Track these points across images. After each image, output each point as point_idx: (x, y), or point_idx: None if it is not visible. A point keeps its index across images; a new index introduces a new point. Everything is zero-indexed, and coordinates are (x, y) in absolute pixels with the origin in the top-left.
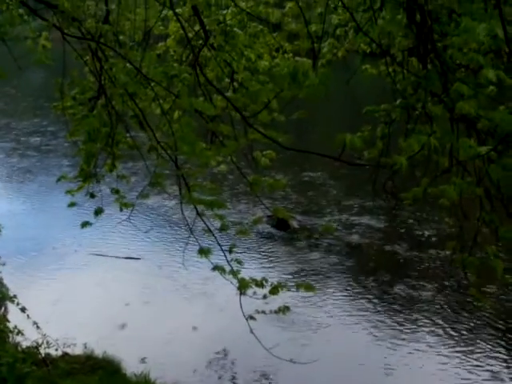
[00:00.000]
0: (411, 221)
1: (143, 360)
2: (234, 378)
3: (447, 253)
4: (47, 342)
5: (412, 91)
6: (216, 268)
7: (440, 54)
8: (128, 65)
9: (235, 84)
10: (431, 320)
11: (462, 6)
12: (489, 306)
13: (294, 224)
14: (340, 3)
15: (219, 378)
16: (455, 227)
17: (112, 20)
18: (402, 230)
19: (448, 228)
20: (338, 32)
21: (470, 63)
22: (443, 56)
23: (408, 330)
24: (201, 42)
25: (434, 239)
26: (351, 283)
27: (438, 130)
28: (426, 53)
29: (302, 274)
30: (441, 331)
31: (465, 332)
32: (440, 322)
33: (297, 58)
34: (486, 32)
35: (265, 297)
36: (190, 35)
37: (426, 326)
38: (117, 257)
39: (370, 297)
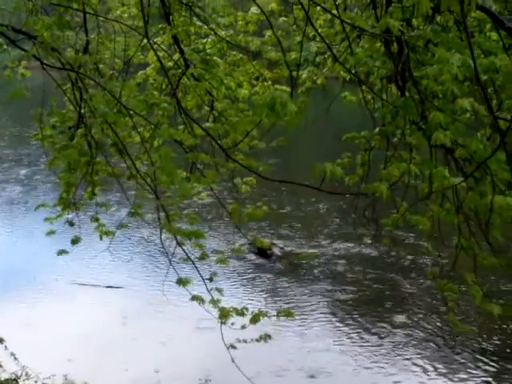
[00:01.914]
0: (392, 247)
1: None
2: None
3: (428, 279)
4: (26, 374)
5: (391, 119)
6: (194, 298)
7: (417, 83)
8: (107, 94)
9: (215, 112)
10: (414, 345)
11: (438, 36)
12: (469, 331)
13: (277, 251)
14: (319, 31)
15: None
16: (436, 253)
17: (91, 49)
18: (384, 257)
19: (428, 254)
20: (317, 60)
21: (445, 92)
22: (420, 85)
23: (391, 357)
24: (181, 70)
25: (415, 265)
26: (333, 311)
27: (417, 157)
28: (404, 81)
29: (283, 301)
30: (425, 358)
31: (448, 358)
32: (424, 348)
33: (276, 86)
34: (460, 62)
35: (243, 327)
36: (170, 64)
37: (410, 352)
38: (98, 286)
39: (353, 324)
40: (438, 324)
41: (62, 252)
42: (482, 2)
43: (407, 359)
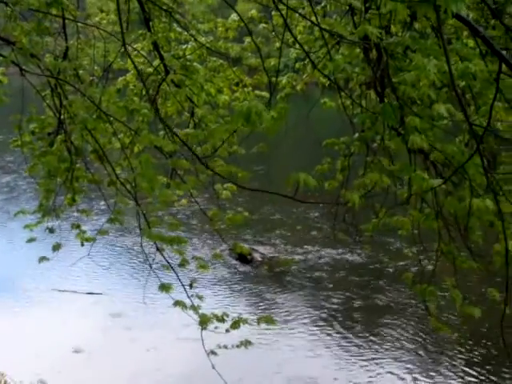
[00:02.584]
0: (372, 252)
1: None
2: None
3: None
4: (5, 382)
5: (370, 125)
6: (177, 303)
7: (395, 89)
8: (87, 100)
9: (195, 119)
10: (395, 350)
11: (416, 43)
12: (449, 334)
13: (257, 257)
14: (299, 38)
15: None
16: (416, 257)
17: (71, 55)
18: (365, 262)
19: (409, 258)
20: (296, 66)
21: (422, 98)
22: (399, 90)
23: (373, 363)
24: (161, 76)
25: (395, 270)
26: (314, 317)
27: (396, 162)
28: (383, 87)
29: (264, 307)
30: (407, 363)
31: (428, 362)
32: (405, 353)
33: (256, 92)
34: (436, 69)
35: (226, 331)
36: (150, 70)
37: (391, 356)
38: (78, 292)
39: (334, 330)
40: (419, 329)
41: (43, 259)
42: (458, 10)
43: (388, 364)
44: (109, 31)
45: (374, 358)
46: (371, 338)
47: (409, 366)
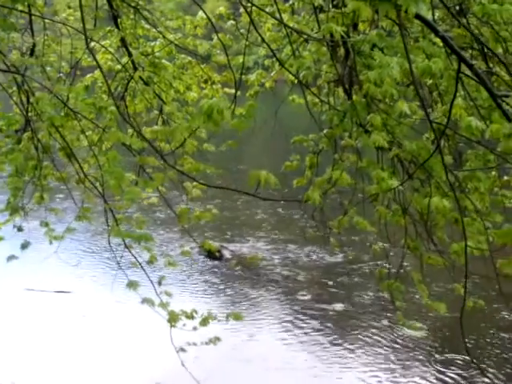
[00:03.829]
0: (341, 248)
1: None
2: None
3: (375, 279)
4: None
5: (338, 122)
6: (145, 301)
7: (361, 86)
8: (54, 97)
9: (164, 116)
10: (364, 345)
11: (383, 40)
12: (416, 329)
13: (227, 254)
14: (266, 36)
15: None
16: (384, 253)
17: (38, 52)
18: (333, 258)
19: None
20: (265, 63)
21: (385, 95)
22: (363, 89)
23: (342, 357)
24: (129, 73)
25: (363, 266)
26: (284, 313)
27: (365, 159)
28: (351, 84)
29: (233, 304)
30: (376, 357)
31: (394, 356)
32: (374, 347)
33: (226, 90)
34: (399, 66)
35: (195, 328)
36: (118, 67)
37: (360, 352)
38: (47, 291)
39: (304, 327)
40: (389, 325)
41: (11, 257)
42: (418, 10)
43: (356, 360)
44: (76, 28)
45: (343, 354)
46: (341, 334)
47: (377, 361)
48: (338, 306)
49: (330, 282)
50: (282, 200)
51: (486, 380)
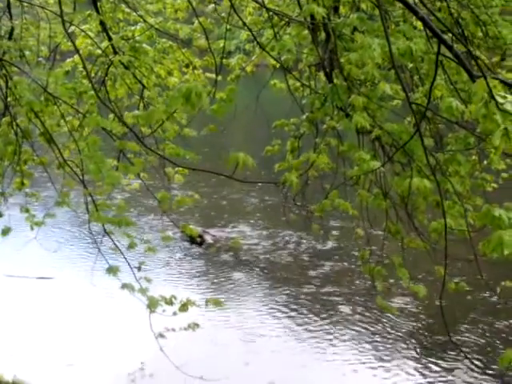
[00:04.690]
0: (323, 232)
1: None
2: None
3: (358, 263)
4: None
5: (319, 105)
6: (124, 286)
7: (343, 70)
8: (33, 82)
9: (145, 101)
10: (344, 330)
11: (363, 23)
12: (396, 315)
13: (209, 239)
14: (247, 19)
15: None
16: (365, 237)
17: (16, 35)
18: (315, 242)
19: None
20: (246, 47)
21: (367, 78)
22: (345, 71)
23: (324, 343)
24: (109, 58)
25: (346, 250)
26: (266, 299)
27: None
28: (331, 68)
29: (214, 289)
30: (359, 340)
31: (375, 339)
32: (357, 331)
33: (207, 75)
34: (380, 48)
35: (174, 314)
36: (99, 51)
37: (340, 337)
38: (28, 277)
39: (284, 311)
40: (373, 309)
41: None
42: None
43: (340, 343)
44: (55, 11)
45: (327, 338)
46: (325, 318)
47: (361, 344)
48: (321, 291)
49: (313, 267)
50: (259, 182)
51: (468, 363)
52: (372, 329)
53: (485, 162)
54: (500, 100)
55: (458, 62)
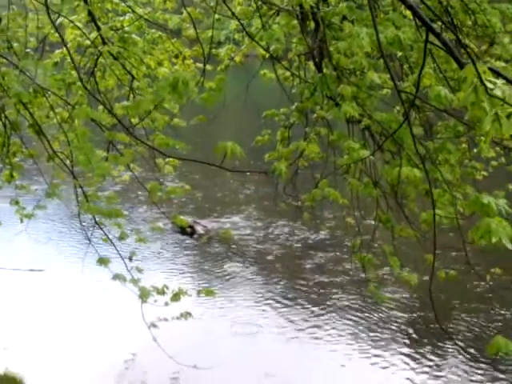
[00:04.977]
0: (316, 222)
1: (42, 376)
2: None
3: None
4: None
5: (309, 95)
6: (116, 277)
7: (331, 59)
8: (22, 74)
9: (135, 92)
10: (337, 320)
11: (353, 13)
12: (389, 304)
13: (200, 229)
14: (236, 9)
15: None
16: (356, 226)
17: (3, 26)
18: (307, 232)
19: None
20: (236, 37)
21: (356, 67)
22: (333, 60)
23: (317, 333)
24: (98, 49)
25: (337, 240)
26: (257, 288)
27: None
28: (321, 57)
29: (205, 279)
30: (349, 328)
31: (368, 328)
32: (348, 320)
33: (198, 65)
34: (368, 37)
35: (166, 304)
36: (88, 42)
37: (333, 327)
38: (19, 269)
39: (276, 301)
40: (364, 297)
41: None
42: None
43: (330, 331)
44: (43, 2)
45: (318, 326)
46: (317, 309)
47: (351, 332)
48: (314, 281)
49: (306, 257)
50: (248, 171)
51: (461, 351)
52: (365, 319)
53: (474, 151)
54: (489, 85)
55: (446, 50)
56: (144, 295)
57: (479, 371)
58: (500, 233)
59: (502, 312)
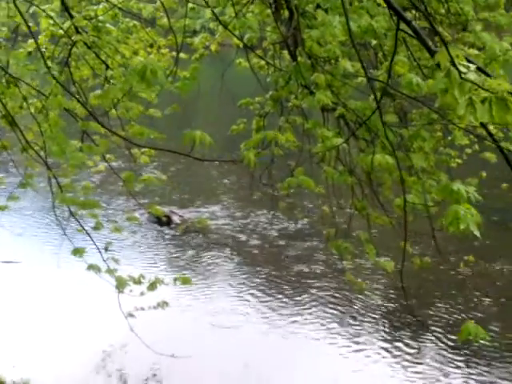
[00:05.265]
0: (293, 211)
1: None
2: (121, 377)
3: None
4: None
5: (284, 84)
6: (91, 267)
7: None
8: None
9: (110, 81)
10: (317, 309)
11: (327, 1)
12: (364, 289)
13: (176, 219)
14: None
15: (109, 375)
16: (331, 214)
17: None
18: (285, 221)
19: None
20: (210, 26)
21: (330, 55)
22: (306, 48)
23: (295, 323)
24: (71, 39)
25: (316, 228)
26: (235, 277)
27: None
28: (295, 46)
29: (182, 268)
30: (325, 317)
31: (347, 318)
32: (327, 311)
33: (173, 54)
34: (341, 26)
35: (142, 294)
36: (61, 32)
37: (312, 317)
38: None
39: (254, 290)
40: (340, 286)
41: None
42: None
43: (306, 320)
44: None
45: (294, 314)
46: (294, 299)
47: (327, 321)
48: (292, 270)
49: (283, 246)
50: (218, 160)
51: (435, 339)
52: (343, 308)
53: (449, 138)
54: (463, 69)
55: (417, 38)
56: (120, 285)
57: (456, 358)
58: (468, 220)
59: (479, 299)
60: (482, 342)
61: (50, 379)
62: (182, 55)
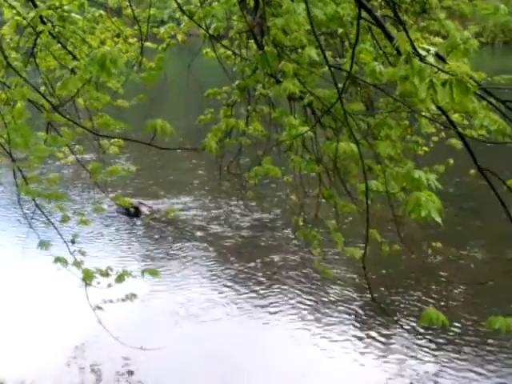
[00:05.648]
0: (262, 201)
1: None
2: (92, 370)
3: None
4: None
5: (250, 73)
6: (57, 260)
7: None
8: None
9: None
10: (286, 299)
11: None
12: (336, 279)
13: (145, 210)
14: None
15: (81, 369)
16: (299, 203)
17: None
18: (254, 211)
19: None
20: (177, 16)
21: (295, 44)
22: (273, 37)
23: (264, 312)
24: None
25: (286, 218)
26: (204, 268)
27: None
28: (262, 35)
29: (151, 259)
30: (296, 309)
31: (317, 307)
32: (296, 300)
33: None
34: (305, 13)
35: (109, 285)
36: (26, 22)
37: (282, 307)
38: None
39: (223, 281)
40: (311, 275)
41: None
42: None
43: (278, 310)
44: None
45: (264, 305)
46: (264, 288)
47: (298, 311)
48: (261, 259)
49: (253, 236)
50: (179, 149)
51: (403, 327)
52: (314, 297)
53: (416, 127)
54: (422, 52)
55: (378, 25)
56: (87, 278)
57: (426, 344)
58: (429, 206)
59: (448, 285)
60: (452, 328)
61: (19, 375)
62: (149, 45)
